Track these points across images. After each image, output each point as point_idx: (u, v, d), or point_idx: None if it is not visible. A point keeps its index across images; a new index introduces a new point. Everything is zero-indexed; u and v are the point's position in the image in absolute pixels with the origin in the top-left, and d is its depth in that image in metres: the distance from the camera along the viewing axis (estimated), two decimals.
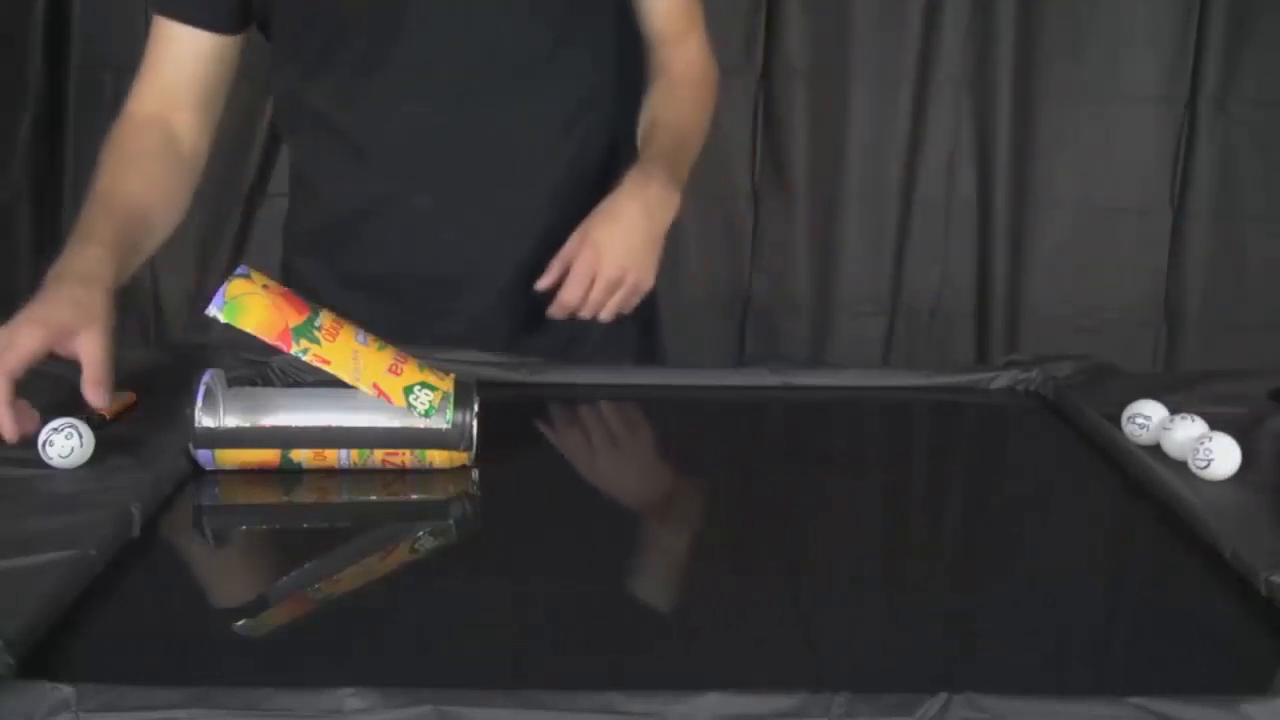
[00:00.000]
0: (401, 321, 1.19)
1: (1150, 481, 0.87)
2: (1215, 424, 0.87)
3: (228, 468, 0.86)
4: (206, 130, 1.19)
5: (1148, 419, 0.92)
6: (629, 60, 1.28)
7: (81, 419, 0.85)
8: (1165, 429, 0.90)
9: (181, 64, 1.17)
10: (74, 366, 0.89)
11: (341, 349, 0.85)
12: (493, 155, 1.18)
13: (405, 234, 1.21)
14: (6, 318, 0.90)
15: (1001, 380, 1.13)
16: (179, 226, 1.15)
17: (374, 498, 0.87)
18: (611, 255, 1.13)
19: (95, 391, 0.87)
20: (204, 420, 0.84)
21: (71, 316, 0.90)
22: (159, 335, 2.07)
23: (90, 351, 0.88)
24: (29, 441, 0.84)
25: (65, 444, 0.83)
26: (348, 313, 1.01)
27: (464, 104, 1.16)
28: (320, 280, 1.23)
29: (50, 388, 0.90)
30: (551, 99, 1.19)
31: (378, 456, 0.87)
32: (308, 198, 1.26)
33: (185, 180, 1.17)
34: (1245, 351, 2.11)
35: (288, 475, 0.87)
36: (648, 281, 1.16)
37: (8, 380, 0.85)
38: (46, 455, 0.83)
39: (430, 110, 1.16)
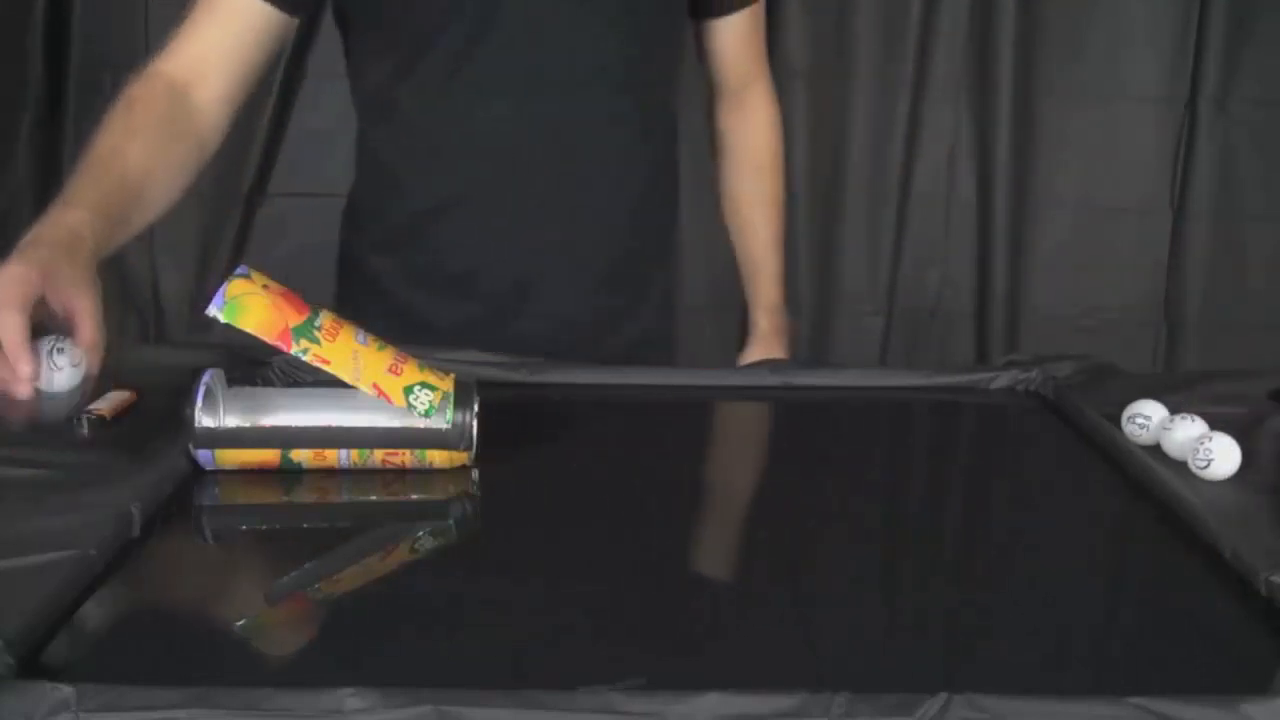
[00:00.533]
0: (477, 321, 1.19)
1: (1150, 481, 0.87)
2: (1215, 424, 0.87)
3: (228, 468, 0.86)
4: (228, 113, 1.14)
5: (1148, 419, 0.92)
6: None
7: (81, 412, 0.85)
8: (1165, 429, 0.90)
9: (226, 33, 1.12)
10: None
11: (341, 349, 0.85)
12: (570, 156, 1.19)
13: (482, 233, 1.21)
14: None
15: (1001, 380, 1.13)
16: (179, 223, 1.14)
17: (374, 498, 0.87)
18: None
19: (93, 355, 0.82)
20: (204, 420, 0.84)
21: (61, 262, 0.84)
22: (159, 335, 2.07)
23: (84, 308, 0.83)
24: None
25: (62, 358, 0.81)
26: (421, 311, 0.99)
27: (543, 105, 1.17)
28: (393, 280, 1.23)
29: None
30: (628, 104, 1.21)
31: (378, 456, 0.87)
32: (387, 194, 1.25)
33: (192, 157, 1.11)
34: (1245, 351, 2.11)
35: (288, 475, 0.87)
36: None
37: (25, 315, 0.79)
38: (56, 365, 0.81)
39: (512, 111, 1.17)
